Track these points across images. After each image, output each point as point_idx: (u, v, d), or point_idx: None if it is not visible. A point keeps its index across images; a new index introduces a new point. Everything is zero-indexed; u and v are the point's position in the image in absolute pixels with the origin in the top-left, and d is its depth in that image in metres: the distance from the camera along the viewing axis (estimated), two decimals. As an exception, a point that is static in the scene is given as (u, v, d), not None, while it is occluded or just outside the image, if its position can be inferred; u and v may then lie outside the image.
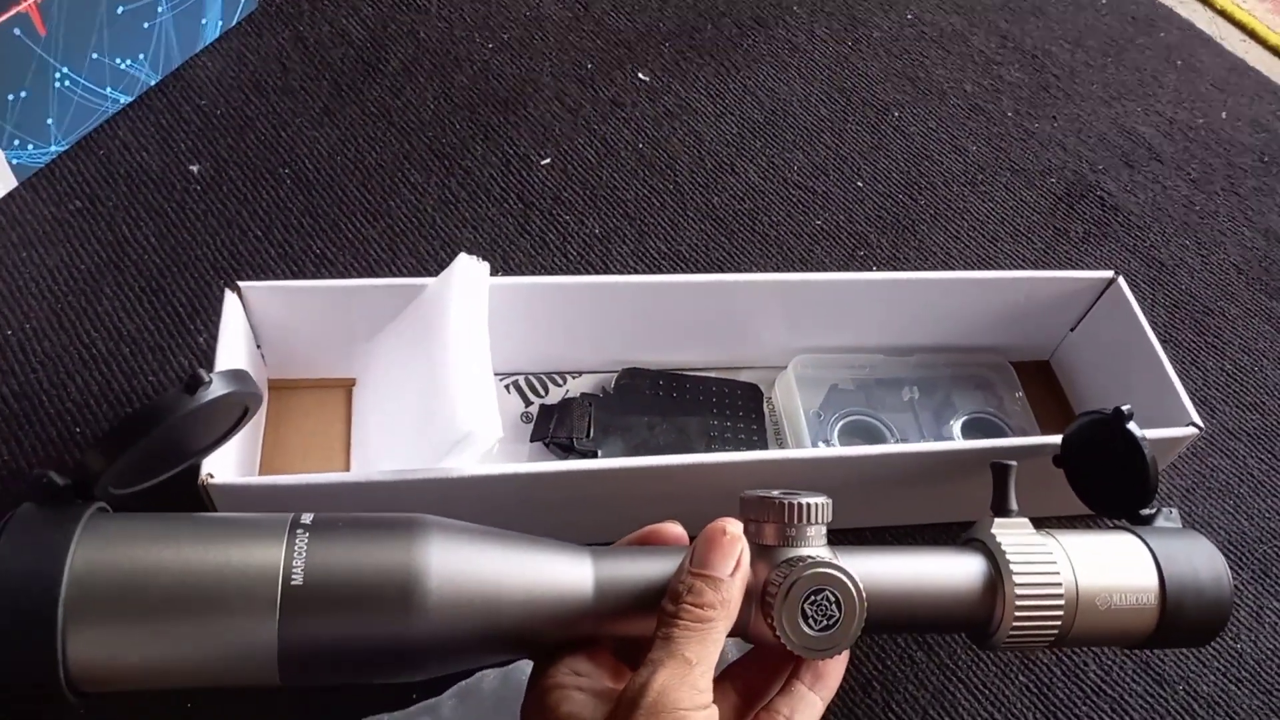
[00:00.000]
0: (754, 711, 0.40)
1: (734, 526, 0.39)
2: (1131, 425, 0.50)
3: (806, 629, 0.38)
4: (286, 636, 0.34)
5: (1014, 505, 0.46)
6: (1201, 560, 0.46)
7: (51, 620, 0.32)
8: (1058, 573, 0.43)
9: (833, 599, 0.38)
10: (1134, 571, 0.45)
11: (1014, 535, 0.44)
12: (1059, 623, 0.43)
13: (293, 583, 0.34)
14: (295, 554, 0.34)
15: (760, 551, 0.40)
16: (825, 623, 0.38)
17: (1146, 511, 0.50)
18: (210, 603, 0.34)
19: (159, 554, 0.34)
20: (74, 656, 0.33)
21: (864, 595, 0.38)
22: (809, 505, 0.39)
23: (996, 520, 0.45)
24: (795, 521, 0.39)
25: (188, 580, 0.34)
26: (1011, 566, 0.43)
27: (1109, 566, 0.45)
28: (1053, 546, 0.44)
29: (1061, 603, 0.43)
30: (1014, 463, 0.47)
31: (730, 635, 0.39)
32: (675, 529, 0.43)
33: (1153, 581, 0.45)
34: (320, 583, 0.34)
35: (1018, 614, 0.43)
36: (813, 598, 0.38)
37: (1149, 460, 0.49)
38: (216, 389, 0.36)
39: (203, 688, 0.35)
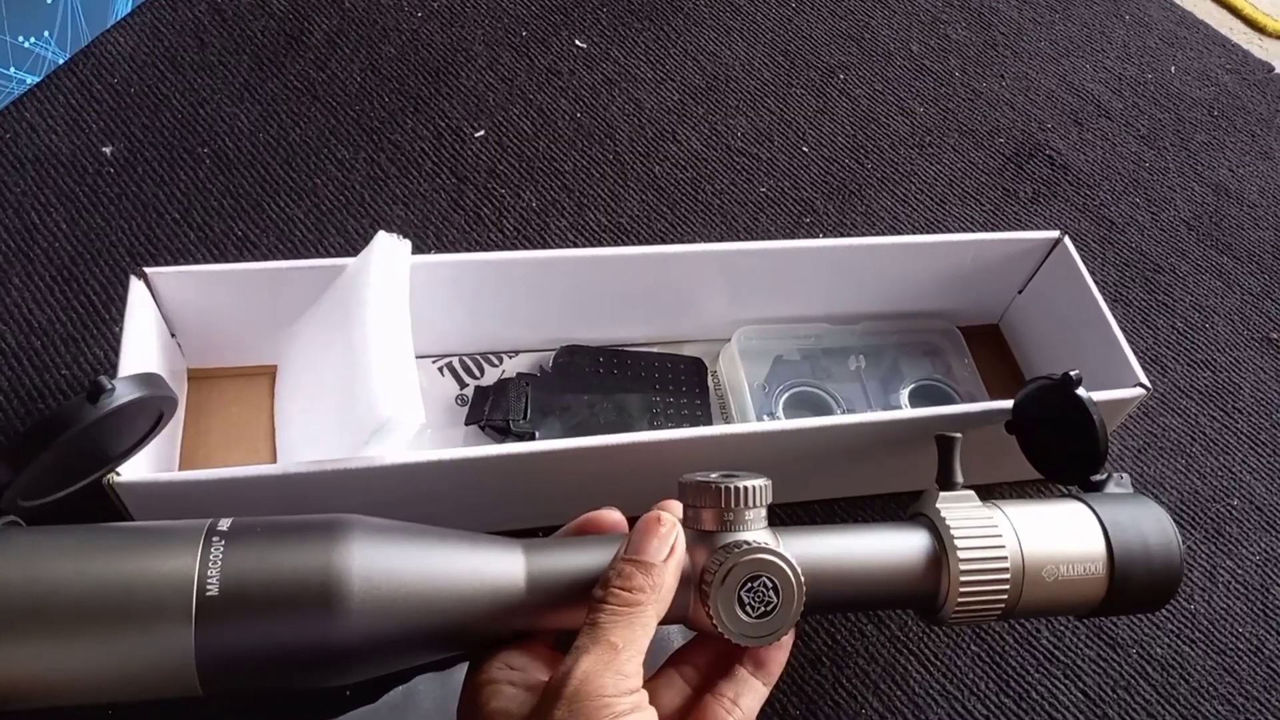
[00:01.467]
0: (701, 697, 0.39)
1: (669, 514, 0.38)
2: (1080, 391, 0.49)
3: (744, 616, 0.37)
4: (204, 646, 0.32)
5: (959, 478, 0.45)
6: (1150, 526, 0.45)
7: None
8: (1003, 545, 0.42)
9: (770, 585, 0.37)
10: (1081, 540, 0.44)
11: (958, 509, 0.43)
12: (1005, 595, 0.42)
13: (208, 592, 0.33)
14: (210, 562, 0.33)
15: (699, 537, 0.39)
16: (763, 609, 0.37)
17: (1097, 478, 0.49)
18: (122, 616, 0.32)
19: (69, 567, 0.33)
20: None
21: (803, 579, 0.37)
22: (746, 489, 0.38)
23: (941, 494, 0.44)
24: (733, 506, 0.38)
25: (98, 594, 0.32)
26: (956, 541, 0.42)
27: (1055, 536, 0.44)
28: (998, 519, 0.43)
29: (1007, 576, 0.42)
30: (959, 435, 0.45)
31: (671, 622, 0.38)
32: (613, 515, 0.42)
33: (1100, 549, 0.44)
34: (237, 590, 0.33)
35: (963, 589, 0.41)
36: (749, 584, 0.37)
37: (1099, 426, 0.48)
38: (121, 395, 0.35)
39: (125, 701, 0.34)
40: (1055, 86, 0.88)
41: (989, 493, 0.45)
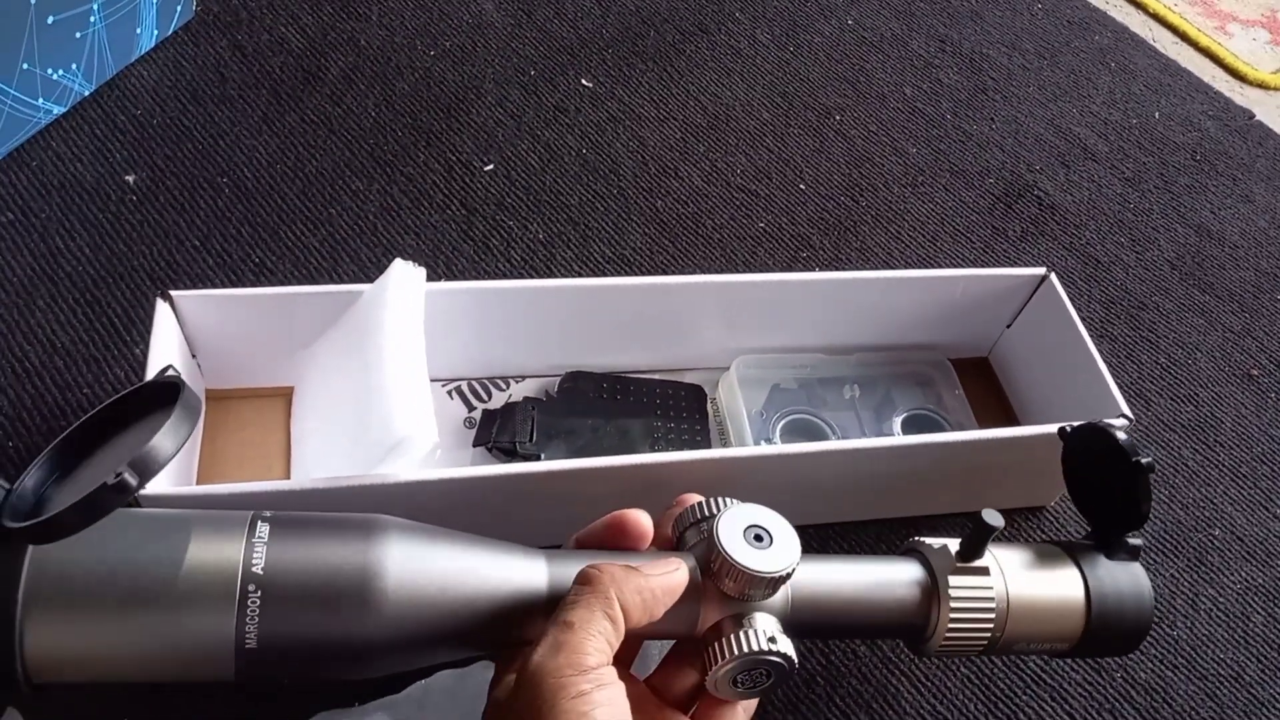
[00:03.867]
0: None
1: (685, 567, 0.39)
2: (1140, 459, 0.46)
3: (735, 688, 0.39)
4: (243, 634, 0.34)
5: (981, 560, 0.45)
6: (1129, 591, 0.47)
7: (10, 609, 0.32)
8: (991, 591, 0.44)
9: (765, 673, 0.39)
10: (1063, 595, 0.46)
11: (963, 574, 0.45)
12: (988, 637, 0.45)
13: (253, 575, 0.34)
14: (254, 551, 0.34)
15: (719, 594, 0.40)
16: (754, 686, 0.40)
17: (1133, 540, 0.48)
18: (168, 599, 0.33)
19: (119, 547, 0.34)
20: (31, 647, 0.33)
21: (795, 663, 0.39)
22: (767, 579, 0.38)
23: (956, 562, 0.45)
24: (747, 591, 0.39)
25: (147, 575, 0.34)
26: (950, 583, 0.44)
27: (1041, 589, 0.46)
28: (990, 567, 0.45)
29: (991, 619, 0.44)
30: (1001, 524, 0.44)
31: (669, 637, 0.40)
32: (640, 521, 0.41)
33: (1079, 608, 0.46)
34: (279, 581, 0.34)
35: (951, 626, 0.44)
36: (748, 672, 0.39)
37: (1146, 502, 0.46)
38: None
39: (158, 682, 0.35)
40: (1044, 130, 0.91)
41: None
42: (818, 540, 0.62)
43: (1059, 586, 0.46)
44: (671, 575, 0.38)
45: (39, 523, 0.31)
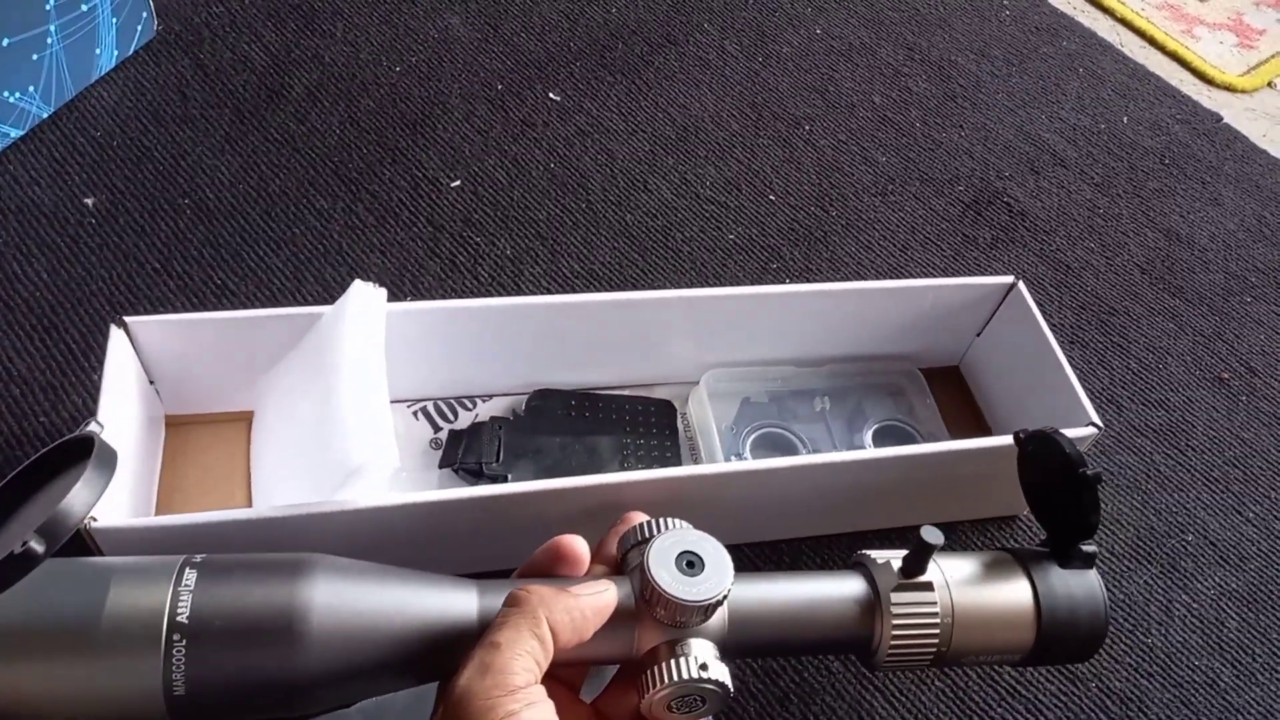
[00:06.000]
0: None
1: (614, 588, 0.39)
2: (1086, 470, 0.46)
3: (671, 713, 0.39)
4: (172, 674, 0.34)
5: (925, 575, 0.44)
6: (1082, 597, 0.46)
7: None
8: (935, 606, 0.44)
9: (699, 700, 0.39)
10: (1011, 603, 0.45)
11: (907, 591, 0.44)
12: (934, 648, 0.44)
13: (178, 623, 0.34)
14: (181, 595, 0.34)
15: (654, 619, 0.39)
16: (690, 711, 0.39)
17: (1087, 548, 0.47)
18: (95, 645, 0.33)
19: (45, 596, 0.34)
20: None
21: (730, 689, 0.39)
22: (697, 607, 0.38)
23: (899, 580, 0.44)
24: (678, 619, 0.39)
25: (73, 622, 0.33)
26: (891, 600, 0.43)
27: (988, 598, 0.45)
28: (935, 579, 0.44)
29: (936, 632, 0.44)
30: (940, 542, 0.43)
31: (606, 662, 0.40)
32: (574, 546, 0.41)
33: (1029, 615, 0.45)
34: (204, 627, 0.34)
35: (894, 638, 0.43)
36: (682, 698, 0.38)
37: (1094, 517, 0.46)
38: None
39: None
40: (1013, 137, 0.92)
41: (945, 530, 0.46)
42: (790, 555, 0.62)
43: (1008, 597, 0.45)
44: (600, 596, 0.38)
45: None
